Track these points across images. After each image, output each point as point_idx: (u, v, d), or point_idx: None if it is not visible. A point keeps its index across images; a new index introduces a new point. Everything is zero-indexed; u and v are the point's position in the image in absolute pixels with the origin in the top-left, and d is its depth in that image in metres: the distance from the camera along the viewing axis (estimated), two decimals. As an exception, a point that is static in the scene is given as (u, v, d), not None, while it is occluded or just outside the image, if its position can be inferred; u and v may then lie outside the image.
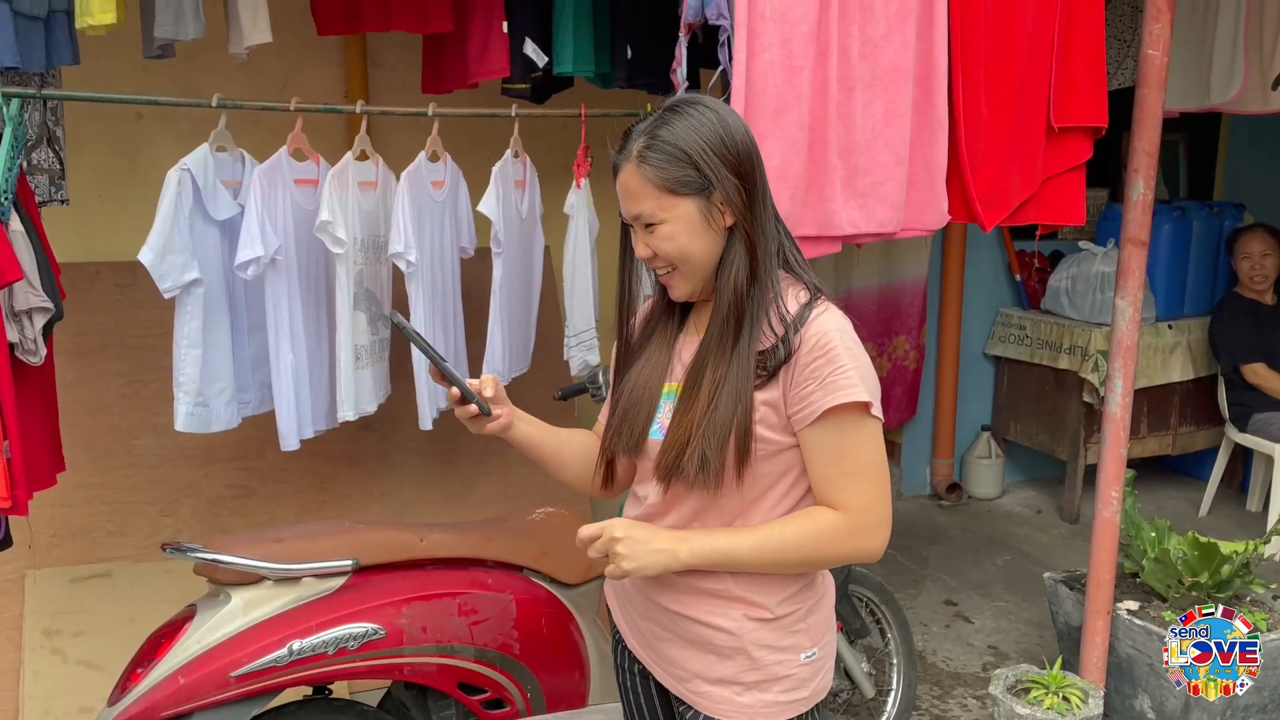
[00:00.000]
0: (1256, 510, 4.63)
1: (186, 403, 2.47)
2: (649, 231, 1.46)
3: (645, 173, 1.42)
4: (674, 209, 1.43)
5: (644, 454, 1.53)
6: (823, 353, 1.41)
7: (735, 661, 1.50)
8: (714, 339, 1.45)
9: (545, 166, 3.06)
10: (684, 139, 1.42)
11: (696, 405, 1.44)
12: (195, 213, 2.42)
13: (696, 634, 1.52)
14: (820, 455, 1.44)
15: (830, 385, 1.40)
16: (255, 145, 2.64)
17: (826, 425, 1.42)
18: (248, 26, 2.62)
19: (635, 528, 1.44)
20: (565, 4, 3.02)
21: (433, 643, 2.06)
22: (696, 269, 1.46)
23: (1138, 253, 2.67)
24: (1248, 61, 3.57)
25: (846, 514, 1.44)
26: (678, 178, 1.42)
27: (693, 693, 1.53)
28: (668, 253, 1.45)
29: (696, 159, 1.41)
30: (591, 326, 2.96)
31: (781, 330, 1.42)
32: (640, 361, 1.57)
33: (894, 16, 2.46)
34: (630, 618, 1.64)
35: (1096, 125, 2.75)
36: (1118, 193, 5.13)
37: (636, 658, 1.65)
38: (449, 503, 3.27)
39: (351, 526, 2.16)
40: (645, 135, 1.44)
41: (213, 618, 1.96)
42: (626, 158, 1.45)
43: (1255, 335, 4.29)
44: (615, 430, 1.56)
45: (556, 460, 1.65)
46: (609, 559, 1.42)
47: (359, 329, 2.67)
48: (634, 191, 1.44)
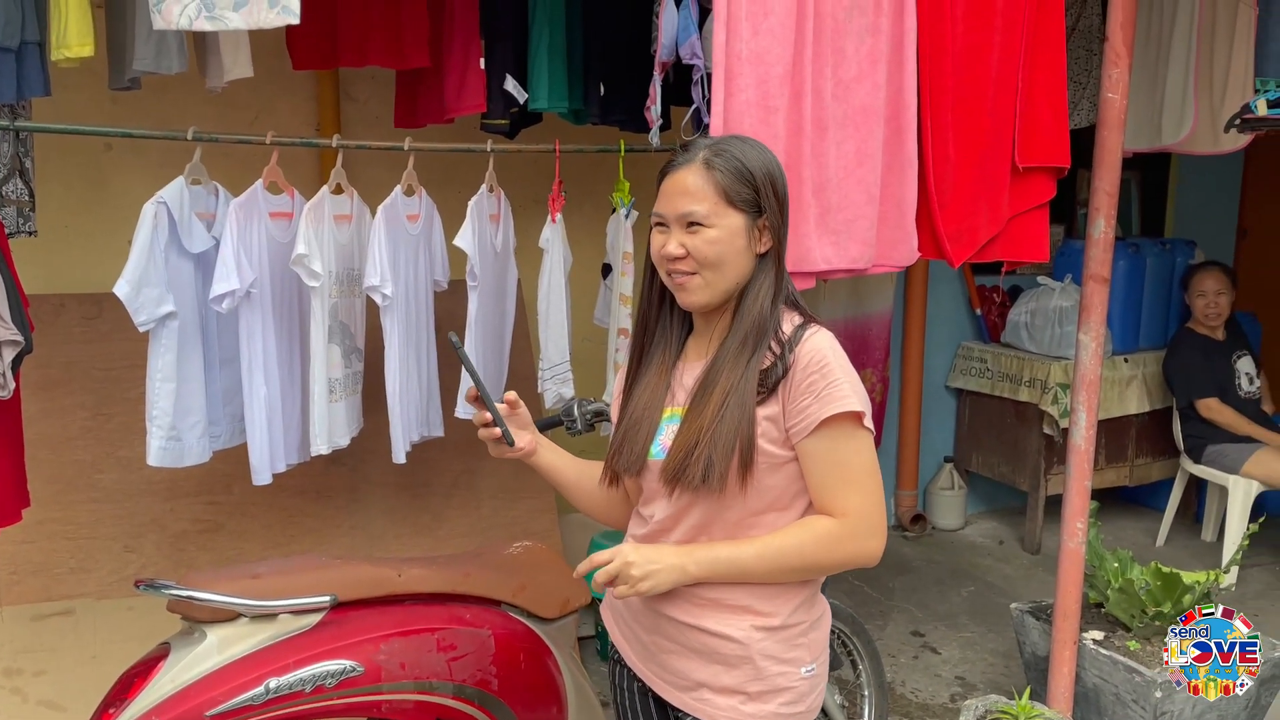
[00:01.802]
0: (1211, 540, 4.73)
1: (160, 437, 2.45)
2: (691, 232, 1.53)
3: (711, 176, 1.53)
4: (726, 218, 1.53)
5: (646, 473, 1.61)
6: (817, 368, 1.50)
7: (741, 671, 1.56)
8: (730, 353, 1.54)
9: (519, 201, 3.09)
10: (750, 160, 1.55)
11: (706, 412, 1.52)
12: (171, 246, 2.41)
13: (704, 643, 1.57)
14: (817, 465, 1.52)
15: (825, 398, 1.49)
16: (227, 178, 2.63)
17: (823, 435, 1.50)
18: (229, 61, 2.62)
19: (643, 549, 1.53)
20: (540, 41, 3.06)
21: (411, 679, 2.04)
22: (723, 280, 1.55)
23: (1099, 289, 2.74)
24: (1198, 104, 3.69)
25: (844, 520, 1.52)
26: (739, 191, 1.53)
27: (697, 701, 1.58)
28: (706, 256, 1.53)
29: (758, 181, 1.54)
30: (565, 360, 2.97)
31: (779, 349, 1.52)
32: (640, 386, 1.65)
33: (865, 59, 2.52)
34: (633, 633, 1.68)
35: (1059, 165, 2.83)
36: (1074, 229, 5.26)
37: (636, 675, 1.69)
38: (419, 536, 3.25)
39: (329, 562, 2.14)
40: (711, 147, 1.55)
41: (187, 656, 1.93)
42: (691, 159, 1.55)
43: (1208, 370, 4.40)
44: (616, 450, 1.64)
45: (577, 489, 1.75)
46: (618, 581, 1.49)
47: (333, 362, 2.66)
48: (693, 191, 1.53)
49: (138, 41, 2.50)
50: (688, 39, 2.54)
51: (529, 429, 1.68)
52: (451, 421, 2.95)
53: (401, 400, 2.73)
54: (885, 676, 2.91)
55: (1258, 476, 4.15)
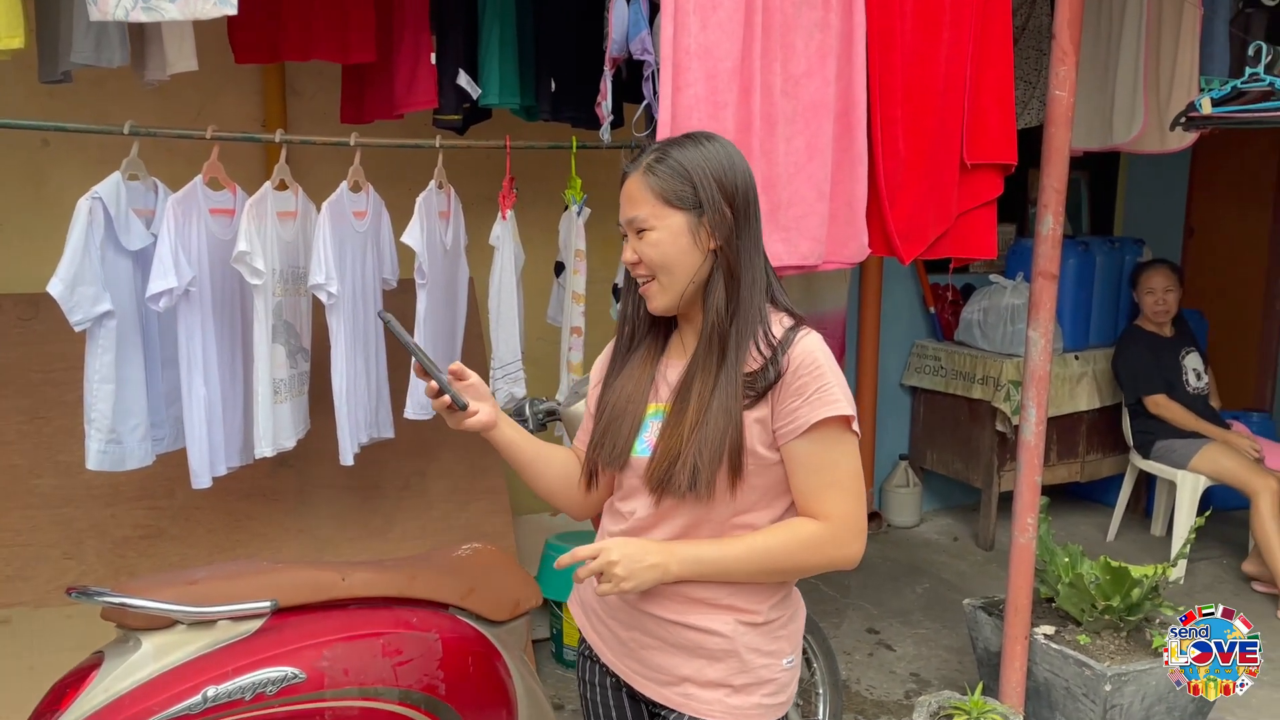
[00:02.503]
0: (1160, 534, 4.79)
1: (99, 440, 2.38)
2: (640, 237, 1.56)
3: (649, 181, 1.54)
4: (665, 219, 1.53)
5: (629, 470, 1.60)
6: (808, 371, 1.50)
7: (726, 664, 1.56)
8: (700, 358, 1.55)
9: (469, 198, 3.05)
10: (689, 160, 1.54)
11: (685, 420, 1.52)
12: (107, 243, 2.34)
13: (688, 639, 1.57)
14: (804, 467, 1.52)
15: (816, 400, 1.49)
16: (169, 175, 2.57)
17: (812, 438, 1.50)
18: (173, 54, 2.56)
19: (628, 545, 1.51)
20: (490, 36, 3.03)
21: (355, 685, 2.00)
22: (675, 281, 1.55)
23: (1048, 285, 2.76)
24: (1147, 103, 3.74)
25: (828, 523, 1.52)
26: (675, 190, 1.53)
27: (681, 696, 1.58)
28: (651, 258, 1.55)
29: (695, 179, 1.53)
30: (517, 359, 2.94)
31: (769, 352, 1.51)
32: (622, 378, 1.64)
33: (814, 55, 2.51)
34: (608, 629, 1.66)
35: (1006, 162, 2.84)
36: (1025, 228, 5.31)
37: (610, 670, 1.67)
38: (369, 539, 3.19)
39: (270, 566, 2.08)
40: (657, 151, 1.57)
41: (121, 665, 1.87)
42: (636, 167, 1.57)
43: (1156, 367, 4.46)
44: (597, 443, 1.63)
45: (533, 469, 1.70)
46: (600, 579, 1.48)
47: (278, 362, 2.60)
48: (634, 196, 1.56)
49: (75, 34, 2.43)
50: (638, 34, 2.51)
51: (487, 400, 1.62)
52: (401, 423, 2.91)
53: (349, 401, 2.69)
54: (840, 674, 2.91)
55: (1205, 471, 4.22)
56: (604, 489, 1.72)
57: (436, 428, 3.11)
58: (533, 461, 1.70)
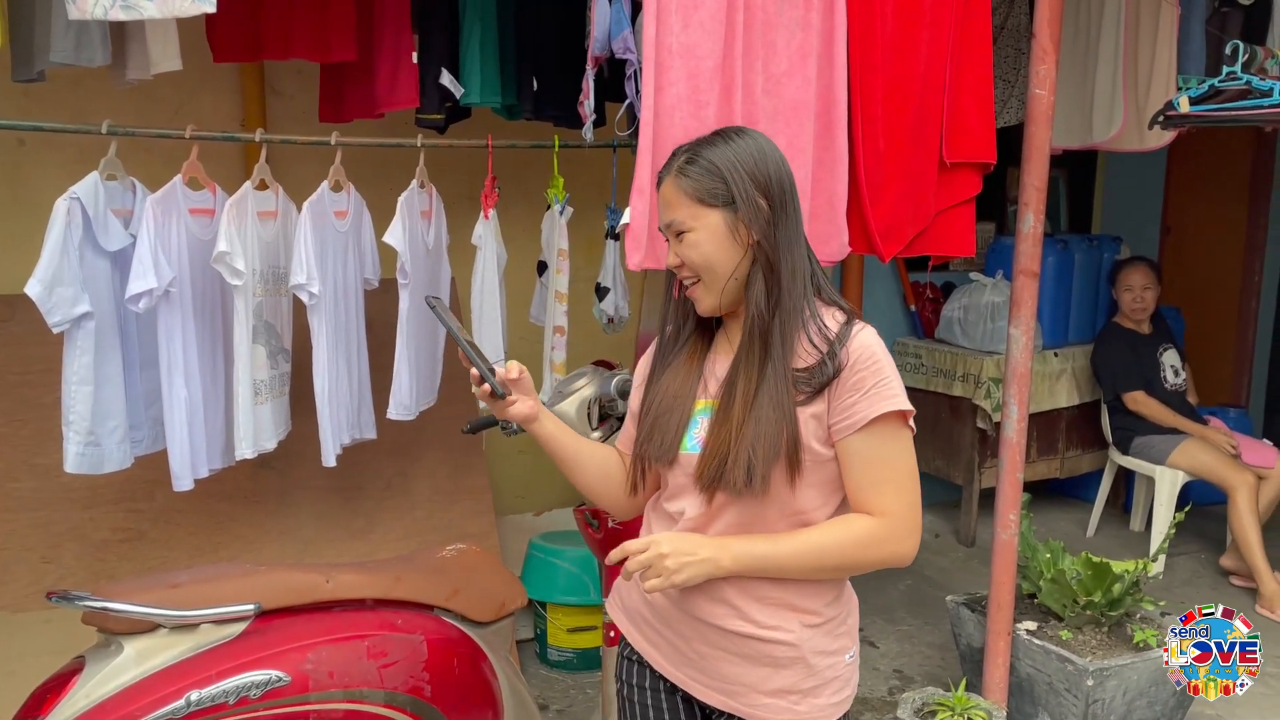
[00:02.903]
0: (1139, 529, 4.83)
1: (77, 443, 2.36)
2: (680, 240, 1.55)
3: (682, 183, 1.54)
4: (702, 219, 1.53)
5: (677, 467, 1.58)
6: (866, 365, 1.49)
7: (793, 670, 1.55)
8: (743, 354, 1.54)
9: (451, 197, 3.04)
10: (718, 157, 1.53)
11: (732, 417, 1.50)
12: (85, 243, 2.32)
13: (753, 649, 1.55)
14: (860, 462, 1.51)
15: (875, 395, 1.48)
16: (147, 175, 2.55)
17: (870, 433, 1.49)
18: (157, 53, 2.54)
19: (680, 540, 1.49)
20: (471, 35, 3.02)
21: (340, 688, 1.99)
22: (718, 279, 1.54)
23: (1029, 283, 2.77)
24: (1126, 102, 3.77)
25: (883, 520, 1.51)
26: (708, 188, 1.52)
27: (748, 706, 1.56)
28: (692, 260, 1.54)
29: (726, 175, 1.52)
30: (500, 358, 2.93)
31: (825, 347, 1.50)
32: (667, 375, 1.63)
33: (795, 54, 2.52)
34: (661, 637, 1.63)
35: (985, 161, 2.85)
36: (1004, 227, 5.34)
37: (662, 675, 1.65)
38: (352, 541, 3.18)
39: (253, 569, 2.07)
40: (688, 152, 1.56)
41: (103, 670, 1.85)
42: (669, 171, 1.56)
43: (1134, 364, 4.49)
44: (646, 438, 1.62)
45: (575, 463, 1.69)
46: (649, 573, 1.45)
47: (258, 363, 2.59)
48: (669, 200, 1.56)
49: (54, 32, 2.40)
50: (620, 33, 2.51)
51: (531, 395, 1.61)
52: (384, 423, 2.90)
53: (331, 402, 2.67)
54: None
55: (1183, 467, 4.25)
56: (649, 488, 1.71)
57: (419, 428, 3.11)
58: (574, 456, 1.68)
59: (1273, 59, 3.22)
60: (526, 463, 4.11)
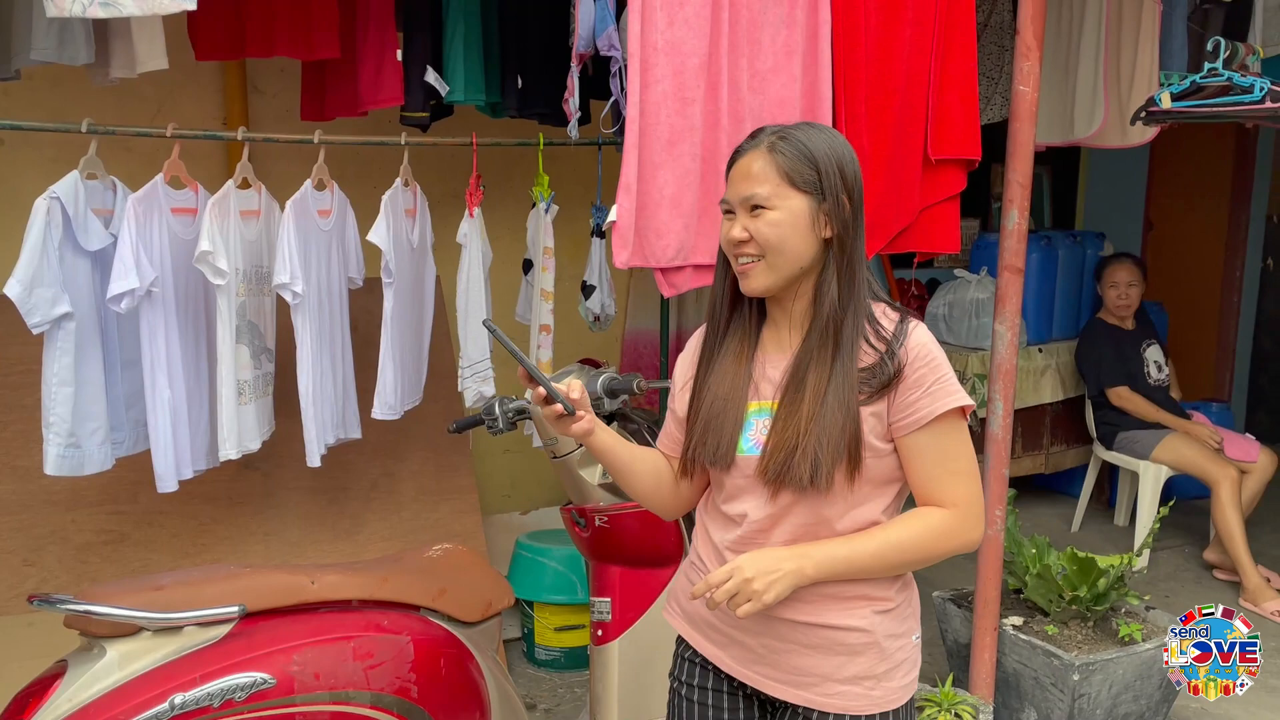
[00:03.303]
0: (1123, 524, 4.86)
1: (57, 444, 2.34)
2: (754, 215, 1.52)
3: (774, 159, 1.51)
4: (787, 200, 1.51)
5: (734, 470, 1.58)
6: (925, 363, 1.52)
7: (867, 657, 1.57)
8: (813, 350, 1.53)
9: (436, 195, 3.03)
10: (814, 144, 1.53)
11: (801, 412, 1.51)
12: (65, 243, 2.30)
13: (826, 638, 1.56)
14: (926, 457, 1.53)
15: (937, 392, 1.51)
16: (128, 174, 2.53)
17: (935, 429, 1.52)
18: (144, 51, 2.51)
19: (761, 559, 1.50)
20: (455, 32, 3.00)
21: (326, 690, 1.97)
22: (786, 264, 1.53)
23: (1014, 279, 2.78)
24: (1108, 98, 3.79)
25: (954, 510, 1.54)
26: (800, 172, 1.51)
27: (822, 696, 1.57)
28: (767, 238, 1.51)
29: (820, 164, 1.52)
30: (486, 357, 2.92)
31: (883, 347, 1.52)
32: (715, 376, 1.62)
33: (781, 51, 2.52)
34: (727, 638, 1.63)
35: (970, 158, 2.86)
36: (988, 223, 5.36)
37: (727, 676, 1.65)
38: (338, 542, 3.16)
39: (237, 570, 2.05)
40: (778, 132, 1.54)
41: (86, 673, 1.83)
42: (756, 145, 1.54)
43: (1118, 359, 4.51)
44: (699, 441, 1.61)
45: (630, 471, 1.68)
46: (737, 599, 1.46)
47: (242, 363, 2.57)
48: (755, 174, 1.52)
49: (36, 31, 2.38)
50: (605, 30, 2.51)
51: (588, 410, 1.60)
52: (369, 423, 2.88)
53: (315, 402, 2.66)
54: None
55: (1167, 461, 4.28)
56: (697, 488, 1.71)
57: (404, 428, 3.10)
58: (629, 465, 1.67)
59: (1254, 55, 3.23)
60: (513, 462, 4.10)
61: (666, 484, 1.72)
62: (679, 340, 3.94)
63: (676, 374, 1.72)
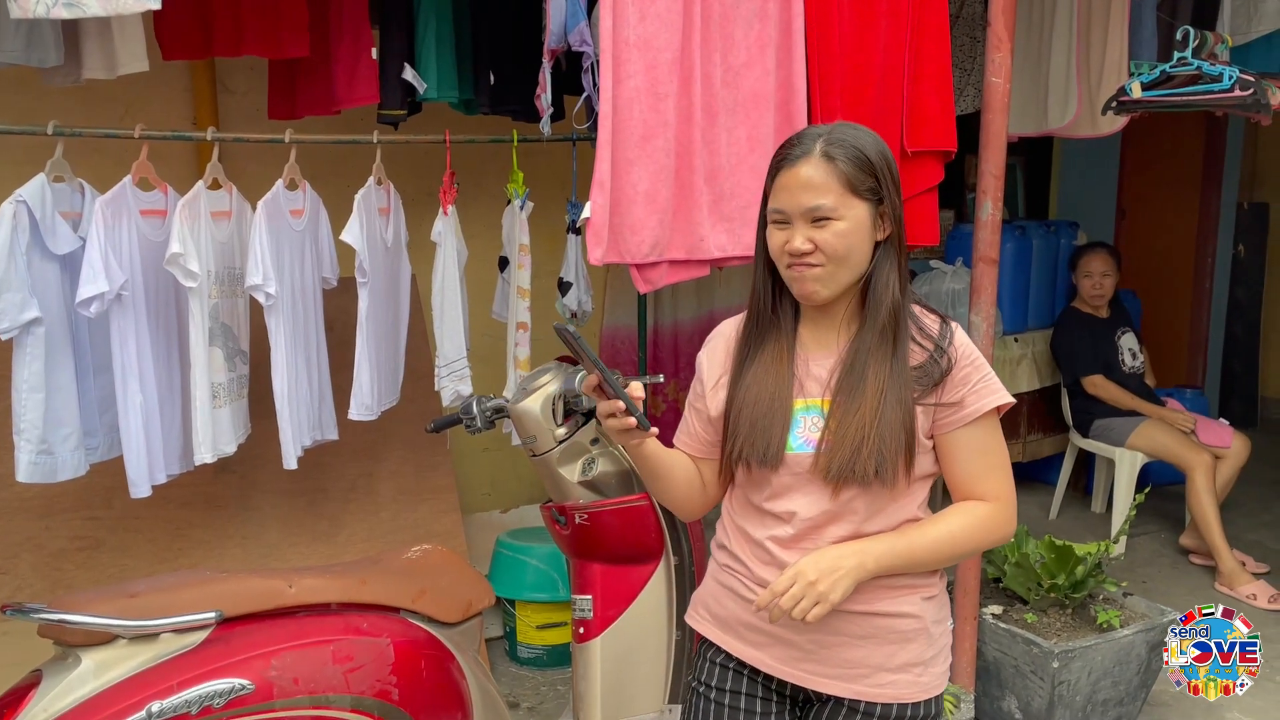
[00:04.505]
0: (1101, 511, 4.89)
1: (29, 451, 2.31)
2: (818, 226, 1.51)
3: (834, 168, 1.50)
4: (852, 209, 1.51)
5: (783, 468, 1.57)
6: (970, 362, 1.56)
7: (917, 644, 1.59)
8: (871, 347, 1.54)
9: (409, 194, 3.00)
10: (866, 146, 1.53)
11: (863, 408, 1.51)
12: (33, 247, 2.27)
13: (879, 627, 1.58)
14: (970, 452, 1.57)
15: (983, 390, 1.55)
16: (97, 176, 2.50)
17: (979, 425, 1.56)
18: (124, 54, 2.48)
19: (821, 559, 1.50)
20: (428, 30, 2.98)
21: (305, 694, 1.96)
22: (847, 272, 1.53)
23: (989, 270, 2.79)
24: (1080, 88, 3.81)
25: (997, 503, 1.58)
26: (861, 180, 1.51)
27: (873, 687, 1.58)
28: (835, 250, 1.50)
29: (877, 168, 1.52)
30: (463, 356, 2.91)
31: (930, 346, 1.55)
32: (753, 377, 1.60)
33: (754, 45, 2.51)
34: (771, 639, 1.62)
35: (946, 149, 2.87)
36: (963, 214, 5.38)
37: (763, 677, 1.65)
38: (316, 544, 3.14)
39: (213, 576, 2.03)
40: (825, 137, 1.52)
41: (60, 683, 1.81)
42: (807, 152, 1.52)
43: (1093, 348, 4.55)
44: (746, 440, 1.58)
45: (669, 476, 1.66)
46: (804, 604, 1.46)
47: (216, 366, 2.54)
48: (817, 184, 1.50)
49: (2, 33, 2.35)
50: (577, 26, 2.50)
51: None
52: (346, 424, 2.86)
53: (291, 403, 2.63)
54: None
55: (1142, 448, 4.31)
56: (724, 487, 1.71)
57: (382, 428, 3.08)
58: (670, 469, 1.65)
59: (1222, 44, 3.26)
60: (492, 460, 4.08)
61: (697, 485, 1.70)
62: (657, 336, 3.93)
63: (705, 373, 1.70)
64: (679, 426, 1.74)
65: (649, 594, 2.50)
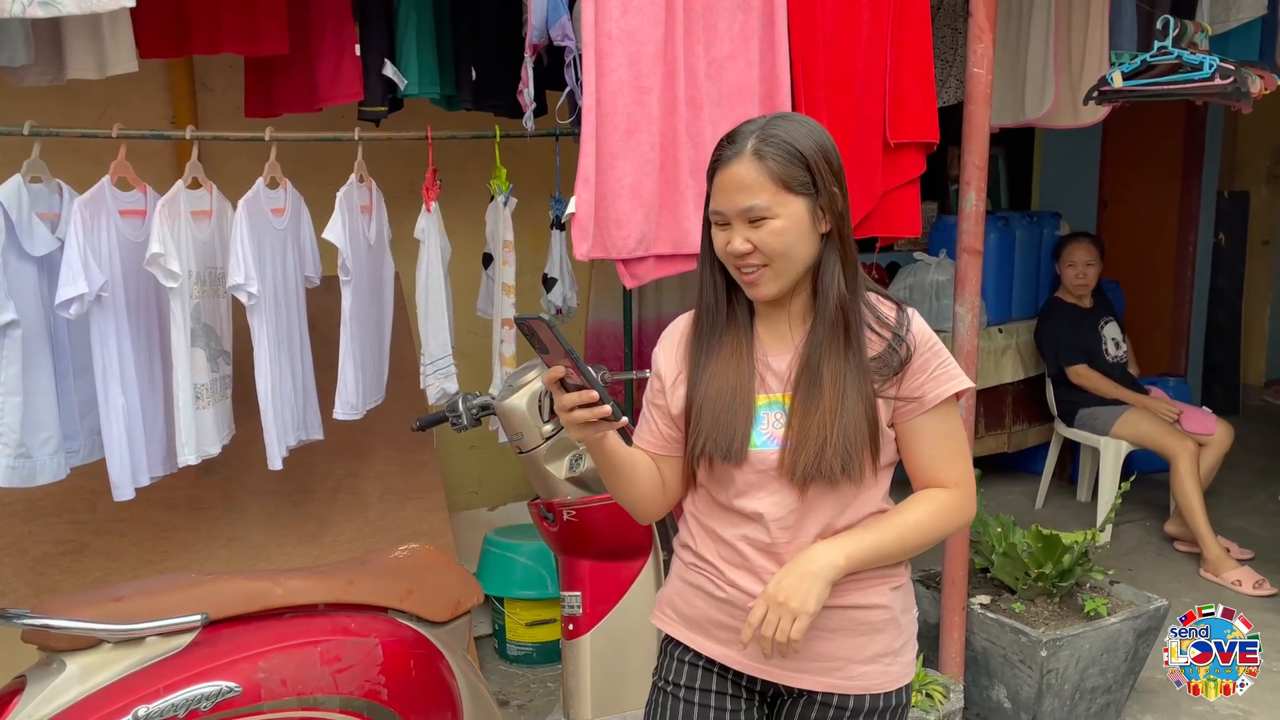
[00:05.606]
0: (1086, 500, 4.92)
1: (7, 455, 2.28)
2: (755, 226, 1.49)
3: (764, 166, 1.47)
4: (787, 206, 1.48)
5: (746, 465, 1.55)
6: (928, 349, 1.55)
7: (886, 634, 1.60)
8: (823, 342, 1.52)
9: (392, 191, 2.98)
10: (798, 140, 1.49)
11: (822, 405, 1.50)
12: (9, 249, 2.24)
13: (849, 619, 1.57)
14: (930, 439, 1.56)
15: (941, 376, 1.54)
16: (74, 176, 2.47)
17: (938, 412, 1.55)
18: (112, 54, 2.45)
19: (786, 576, 1.49)
20: (408, 26, 2.97)
21: (294, 696, 1.94)
22: (793, 268, 1.51)
23: (973, 261, 2.79)
24: (1058, 80, 3.82)
25: (957, 489, 1.58)
26: (794, 175, 1.48)
27: (845, 679, 1.58)
28: (774, 248, 1.49)
29: (810, 161, 1.48)
30: (448, 353, 2.89)
31: (889, 334, 1.54)
32: (712, 372, 1.57)
33: (737, 38, 2.51)
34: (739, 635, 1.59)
35: (929, 140, 2.87)
36: (946, 205, 5.40)
37: (733, 674, 1.63)
38: (303, 545, 3.12)
39: (199, 578, 2.02)
40: (758, 134, 1.49)
41: (45, 689, 1.79)
42: (739, 151, 1.49)
43: (1076, 338, 4.57)
44: (709, 435, 1.55)
45: (632, 475, 1.62)
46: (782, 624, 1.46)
47: (198, 367, 2.52)
48: (749, 184, 1.48)
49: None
50: (558, 20, 2.49)
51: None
52: (331, 424, 2.84)
53: (275, 403, 2.61)
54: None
55: (1126, 437, 4.33)
56: (685, 487, 1.68)
57: (367, 427, 3.06)
58: (632, 468, 1.61)
59: (1202, 33, 3.27)
60: (479, 458, 4.07)
61: (658, 484, 1.67)
62: (642, 331, 3.92)
63: (662, 370, 1.66)
64: (638, 426, 1.70)
65: (638, 589, 2.50)
